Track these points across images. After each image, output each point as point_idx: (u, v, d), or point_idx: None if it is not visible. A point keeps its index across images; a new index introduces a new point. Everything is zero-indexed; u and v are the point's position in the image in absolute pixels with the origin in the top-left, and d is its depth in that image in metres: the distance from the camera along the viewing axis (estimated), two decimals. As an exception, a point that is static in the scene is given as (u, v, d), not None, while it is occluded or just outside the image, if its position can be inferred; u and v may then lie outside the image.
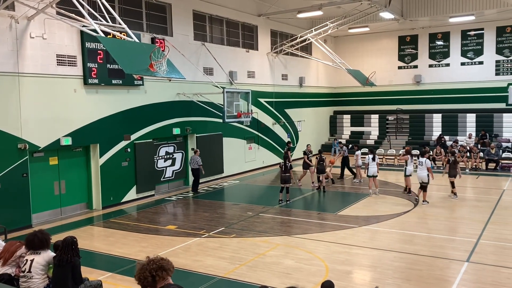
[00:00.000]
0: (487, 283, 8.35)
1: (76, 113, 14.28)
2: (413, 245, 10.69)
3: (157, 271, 3.91)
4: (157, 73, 11.25)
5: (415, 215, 13.57)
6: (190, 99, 18.50)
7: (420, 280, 8.55)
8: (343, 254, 10.13)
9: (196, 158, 17.60)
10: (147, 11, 17.10)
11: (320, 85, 29.72)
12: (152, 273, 3.89)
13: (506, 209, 14.15)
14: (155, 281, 3.88)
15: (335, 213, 14.15)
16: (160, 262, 3.99)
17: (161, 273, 3.93)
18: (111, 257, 10.41)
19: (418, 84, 28.75)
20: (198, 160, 17.55)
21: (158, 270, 3.92)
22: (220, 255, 10.26)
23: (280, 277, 8.81)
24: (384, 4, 21.73)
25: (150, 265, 3.95)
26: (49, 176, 14.01)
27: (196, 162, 17.55)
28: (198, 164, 17.51)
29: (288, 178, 15.44)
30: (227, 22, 21.33)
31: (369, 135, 29.83)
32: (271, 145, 24.59)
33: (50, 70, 13.51)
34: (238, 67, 21.56)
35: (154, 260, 3.99)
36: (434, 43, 28.25)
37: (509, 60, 26.21)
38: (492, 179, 19.77)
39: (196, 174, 17.68)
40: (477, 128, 26.24)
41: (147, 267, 3.94)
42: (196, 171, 17.62)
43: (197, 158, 17.58)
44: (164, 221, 13.78)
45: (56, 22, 13.37)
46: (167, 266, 4.01)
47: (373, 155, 16.54)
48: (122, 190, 16.00)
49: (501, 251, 10.15)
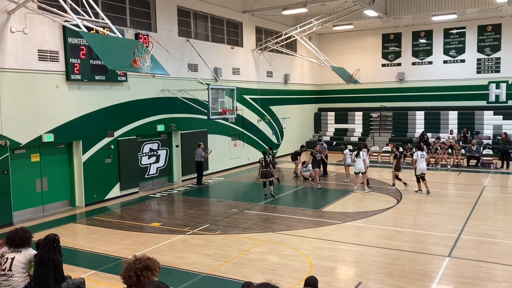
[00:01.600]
0: (468, 277, 8.50)
1: (58, 110, 14.09)
2: (396, 240, 10.83)
3: (142, 271, 3.82)
4: (141, 69, 11.17)
5: (397, 211, 13.74)
6: (174, 95, 18.39)
7: (402, 275, 8.67)
8: (326, 250, 10.21)
9: (199, 151, 18.40)
10: (130, 7, 16.93)
11: (304, 82, 29.82)
12: (137, 273, 3.80)
13: (486, 205, 14.41)
14: (140, 281, 3.81)
15: (319, 209, 14.24)
16: (146, 261, 3.90)
17: (146, 273, 3.83)
18: (94, 254, 10.32)
19: (401, 82, 29.05)
20: (201, 152, 18.40)
21: (143, 270, 3.83)
22: (205, 252, 10.25)
23: (265, 273, 8.84)
24: (368, 2, 21.88)
25: (136, 264, 3.85)
26: (30, 173, 13.81)
27: (199, 154, 18.38)
28: (201, 157, 18.36)
29: (268, 172, 15.78)
30: (212, 18, 21.24)
31: (353, 132, 30.06)
32: (256, 142, 24.60)
33: (31, 65, 13.29)
34: (223, 63, 21.50)
35: (140, 260, 3.89)
36: (417, 41, 28.57)
37: (490, 58, 26.65)
38: (473, 175, 20.10)
39: (199, 167, 18.43)
40: (459, 126, 26.66)
41: (133, 266, 3.84)
42: (200, 164, 18.40)
43: (200, 151, 18.40)
44: (148, 218, 13.70)
45: (37, 17, 13.15)
46: (153, 266, 3.92)
47: (357, 152, 16.75)
48: (106, 187, 15.85)
49: (481, 246, 10.34)
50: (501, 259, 9.46)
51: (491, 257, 9.55)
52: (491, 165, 21.71)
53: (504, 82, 26.29)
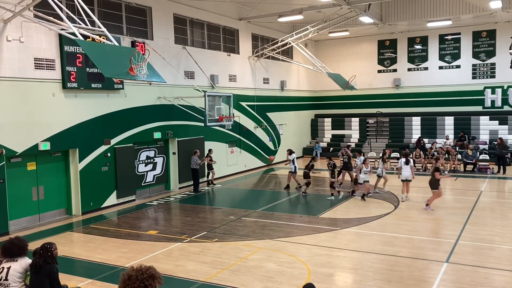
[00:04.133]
0: (466, 283, 8.49)
1: (54, 118, 14.06)
2: (394, 246, 10.81)
3: (149, 280, 3.77)
4: (137, 76, 11.18)
5: (395, 217, 13.73)
6: (171, 103, 18.39)
7: (400, 281, 8.65)
8: (324, 257, 10.18)
9: (195, 159, 18.51)
10: (127, 15, 16.97)
11: (301, 88, 29.88)
12: (144, 283, 3.74)
13: (483, 210, 14.43)
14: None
15: (317, 215, 14.22)
16: (149, 270, 3.82)
17: (153, 282, 3.79)
18: (91, 263, 10.25)
19: (397, 88, 29.16)
20: (197, 160, 18.51)
21: (149, 279, 3.79)
22: (202, 259, 10.20)
23: (263, 280, 8.80)
24: (364, 9, 22.01)
25: (140, 275, 3.79)
26: (27, 181, 13.74)
27: (195, 162, 18.50)
28: (197, 164, 18.48)
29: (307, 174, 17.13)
30: (208, 25, 21.30)
31: (349, 138, 30.09)
32: (253, 148, 24.59)
33: (27, 73, 13.27)
34: (220, 70, 21.53)
35: (141, 269, 3.82)
36: (412, 47, 28.71)
37: (485, 64, 26.80)
38: (470, 180, 20.14)
39: (195, 174, 18.55)
40: (455, 131, 26.74)
41: (138, 277, 3.77)
42: (196, 172, 18.52)
43: (195, 158, 18.52)
44: (145, 226, 13.64)
45: (33, 25, 13.16)
46: (156, 275, 3.86)
47: (405, 159, 16.27)
48: (102, 195, 15.79)
49: (479, 252, 10.34)
50: (498, 264, 9.45)
51: (489, 262, 9.55)
52: (487, 170, 21.76)
53: (500, 87, 26.42)
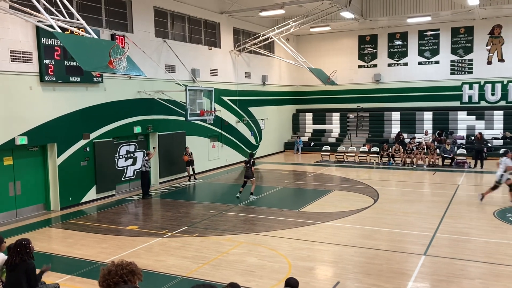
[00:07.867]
0: (443, 274, 8.66)
1: (32, 111, 13.79)
2: (373, 240, 10.95)
3: (128, 276, 3.75)
4: (117, 70, 11.02)
5: (375, 211, 13.90)
6: (151, 97, 18.21)
7: (379, 274, 8.77)
8: (305, 251, 10.25)
9: (144, 160, 16.76)
10: (106, 7, 16.70)
11: (282, 83, 29.93)
12: (124, 278, 3.71)
13: (460, 203, 14.72)
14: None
15: (297, 210, 14.30)
16: (129, 266, 3.79)
17: (132, 278, 3.77)
18: (70, 259, 10.12)
19: (377, 83, 29.44)
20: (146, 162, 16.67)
21: (129, 275, 3.76)
22: (183, 254, 10.17)
23: (244, 275, 8.83)
24: (345, 4, 22.11)
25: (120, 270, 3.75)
26: (3, 177, 13.46)
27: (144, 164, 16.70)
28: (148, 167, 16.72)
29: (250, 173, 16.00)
30: (189, 19, 21.12)
31: (330, 133, 30.31)
32: (235, 143, 24.57)
33: (3, 66, 12.96)
34: (201, 64, 21.40)
35: (122, 265, 3.79)
36: (392, 42, 29.00)
37: (463, 60, 27.24)
38: (448, 174, 20.51)
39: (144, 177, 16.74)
40: (434, 126, 27.16)
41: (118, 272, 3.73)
42: (144, 174, 16.71)
43: (145, 160, 16.72)
44: (125, 222, 13.52)
45: (9, 17, 12.85)
46: (137, 271, 3.84)
47: None
48: (81, 190, 15.58)
49: (456, 244, 10.55)
50: (474, 256, 9.67)
51: (465, 255, 9.76)
52: (464, 165, 22.18)
53: (477, 83, 26.92)
